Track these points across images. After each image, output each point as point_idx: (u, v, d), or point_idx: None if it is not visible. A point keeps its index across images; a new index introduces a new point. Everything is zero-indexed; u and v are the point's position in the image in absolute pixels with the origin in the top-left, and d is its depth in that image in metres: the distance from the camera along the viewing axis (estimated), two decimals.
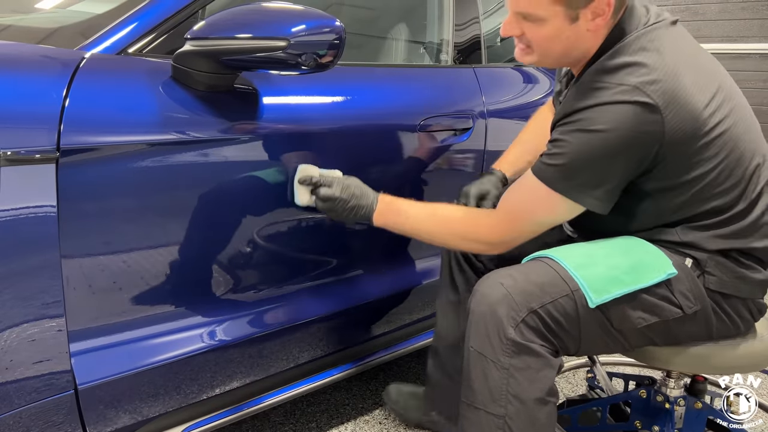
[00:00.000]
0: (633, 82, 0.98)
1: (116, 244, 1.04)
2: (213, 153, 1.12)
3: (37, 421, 0.98)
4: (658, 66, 0.99)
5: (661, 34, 1.04)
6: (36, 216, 0.91)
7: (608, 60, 1.03)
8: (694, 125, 0.99)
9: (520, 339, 1.00)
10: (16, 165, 0.88)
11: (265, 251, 1.28)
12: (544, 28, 1.04)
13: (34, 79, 0.94)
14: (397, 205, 1.23)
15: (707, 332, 1.12)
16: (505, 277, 1.05)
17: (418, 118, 1.48)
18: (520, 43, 1.11)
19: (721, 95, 1.04)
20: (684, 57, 1.03)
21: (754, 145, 1.08)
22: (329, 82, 1.32)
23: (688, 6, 3.75)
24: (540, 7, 1.02)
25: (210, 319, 1.20)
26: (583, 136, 1.00)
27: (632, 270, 1.04)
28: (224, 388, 1.24)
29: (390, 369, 1.95)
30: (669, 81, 0.98)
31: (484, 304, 1.03)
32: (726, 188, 1.05)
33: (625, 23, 1.05)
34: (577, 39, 1.05)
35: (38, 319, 0.95)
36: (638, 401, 1.34)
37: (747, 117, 1.09)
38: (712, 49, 3.62)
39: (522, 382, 1.00)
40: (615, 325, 1.06)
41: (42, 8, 1.56)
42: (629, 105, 0.97)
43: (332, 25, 1.06)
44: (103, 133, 0.98)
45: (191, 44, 1.05)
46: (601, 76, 1.02)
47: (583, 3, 1.01)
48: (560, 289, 1.03)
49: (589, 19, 1.02)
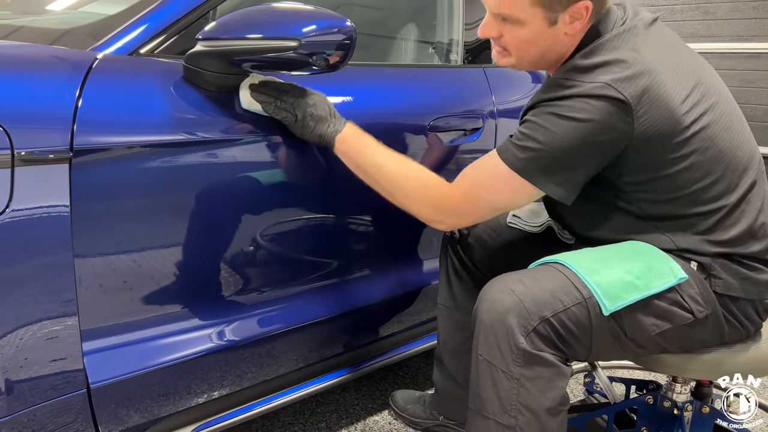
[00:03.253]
0: (605, 79, 0.97)
1: (127, 244, 1.05)
2: (224, 153, 1.13)
3: (50, 420, 0.98)
4: (632, 62, 0.98)
5: (637, 32, 1.02)
6: (49, 216, 0.92)
7: (582, 59, 1.02)
8: (669, 122, 0.98)
9: (532, 348, 0.97)
10: (30, 165, 0.89)
11: (275, 251, 1.28)
12: (523, 31, 1.03)
13: (48, 79, 0.94)
14: (360, 135, 1.16)
15: (719, 337, 1.10)
16: (515, 282, 1.02)
17: (427, 119, 1.48)
18: (497, 46, 1.10)
19: (699, 92, 1.02)
20: (660, 54, 1.01)
21: (735, 143, 1.05)
22: (339, 82, 1.32)
23: (699, 5, 3.73)
24: (519, 10, 1.01)
25: (220, 319, 1.21)
26: (553, 120, 0.99)
27: (644, 274, 1.01)
28: (234, 388, 1.25)
29: (399, 369, 1.95)
30: (643, 77, 0.97)
31: (493, 312, 0.99)
32: (705, 186, 1.03)
33: (601, 24, 1.04)
34: (554, 42, 1.05)
35: (52, 318, 0.95)
36: (645, 407, 1.30)
37: (729, 114, 1.07)
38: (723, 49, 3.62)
39: (533, 393, 0.97)
40: (628, 334, 1.03)
41: (54, 9, 1.57)
42: (601, 99, 0.96)
43: (343, 26, 1.06)
44: (115, 134, 0.99)
45: (202, 45, 1.05)
46: (574, 74, 1.01)
47: (563, 6, 0.99)
48: (573, 297, 1.00)
49: (567, 23, 1.01)
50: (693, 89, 1.02)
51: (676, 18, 3.81)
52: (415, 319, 1.63)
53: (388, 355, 1.58)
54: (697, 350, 1.10)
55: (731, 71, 3.63)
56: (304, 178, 1.28)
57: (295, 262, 1.33)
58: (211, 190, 1.13)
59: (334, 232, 1.40)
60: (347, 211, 1.41)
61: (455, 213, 1.13)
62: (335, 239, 1.41)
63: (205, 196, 1.13)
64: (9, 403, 0.93)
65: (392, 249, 1.56)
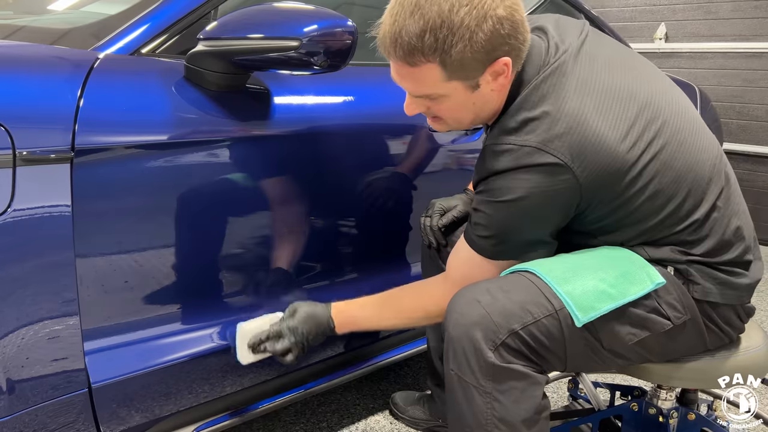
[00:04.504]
0: (534, 141, 0.94)
1: (128, 244, 1.05)
2: (225, 153, 1.13)
3: (51, 419, 0.99)
4: (559, 116, 0.94)
5: (564, 71, 0.98)
6: (51, 215, 0.92)
7: (509, 118, 0.98)
8: (613, 165, 0.95)
9: (501, 362, 0.93)
10: (32, 165, 0.89)
11: (278, 251, 1.28)
12: (448, 102, 1.00)
13: (49, 79, 0.95)
14: (350, 312, 1.21)
15: (702, 344, 1.06)
16: (483, 293, 0.97)
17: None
18: (429, 116, 1.08)
19: (644, 119, 0.98)
20: (592, 90, 0.97)
21: (692, 158, 1.01)
22: (341, 81, 1.32)
23: (701, 5, 3.72)
24: (438, 88, 0.97)
25: (221, 319, 1.21)
26: (499, 206, 0.98)
27: (619, 282, 0.97)
28: (235, 388, 1.25)
29: (400, 369, 1.95)
30: (574, 131, 0.93)
31: (459, 327, 0.95)
32: (673, 209, 1.00)
33: (525, 70, 1.00)
34: (484, 102, 1.01)
35: (53, 317, 0.95)
36: (630, 414, 1.27)
37: (681, 130, 1.01)
38: (724, 48, 3.61)
39: (507, 405, 0.94)
40: (605, 345, 1.00)
41: (55, 9, 1.57)
42: (535, 168, 0.94)
43: (344, 25, 1.06)
44: (116, 133, 0.99)
45: (204, 44, 1.06)
46: (504, 137, 0.98)
47: (480, 70, 0.95)
48: (543, 308, 0.96)
49: (490, 81, 0.97)
50: (635, 119, 0.97)
51: (678, 17, 3.80)
52: None
53: (390, 355, 1.58)
54: (682, 358, 1.07)
55: (733, 71, 3.62)
56: (307, 178, 1.28)
57: (297, 262, 1.33)
58: (212, 190, 1.13)
59: (336, 231, 1.40)
60: (351, 211, 1.41)
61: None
62: (337, 238, 1.41)
63: (206, 195, 1.13)
64: (11, 403, 0.93)
65: (394, 249, 1.56)
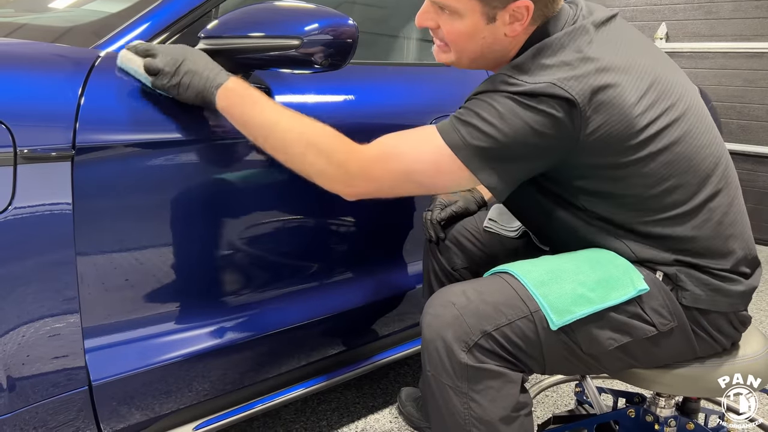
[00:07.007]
0: (549, 79, 0.91)
1: (129, 242, 1.05)
2: (226, 151, 1.13)
3: (52, 417, 0.99)
4: (577, 64, 0.92)
5: (586, 31, 0.96)
6: (52, 214, 0.92)
7: (525, 58, 0.95)
8: (622, 122, 0.92)
9: (474, 363, 0.92)
10: (33, 163, 0.89)
11: (279, 249, 1.28)
12: (460, 23, 0.98)
13: (50, 77, 0.95)
14: (255, 91, 1.03)
15: (690, 351, 1.03)
16: (458, 295, 0.96)
17: (430, 117, 1.47)
18: (437, 39, 1.06)
19: (655, 92, 0.96)
20: (611, 52, 0.95)
21: (694, 149, 0.98)
22: (342, 80, 1.32)
23: (702, 5, 3.72)
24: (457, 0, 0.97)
25: (221, 317, 1.21)
26: (510, 106, 0.92)
27: (599, 286, 0.95)
28: (235, 386, 1.25)
29: (401, 368, 1.95)
30: (591, 76, 0.91)
31: (433, 329, 0.95)
32: (660, 192, 0.97)
33: (550, 25, 0.98)
34: (494, 41, 0.99)
35: (54, 315, 0.95)
36: (627, 420, 1.26)
37: (691, 118, 0.99)
38: (725, 48, 3.61)
39: (483, 405, 0.93)
40: (584, 349, 0.97)
41: (56, 7, 1.57)
42: (546, 98, 0.90)
43: (345, 24, 1.06)
44: (117, 132, 0.99)
45: (204, 43, 1.06)
46: (516, 72, 0.94)
47: (501, 3, 0.94)
48: (518, 310, 0.95)
49: (507, 22, 0.96)
50: (648, 89, 0.95)
51: (679, 17, 3.80)
52: (417, 317, 1.63)
53: (390, 354, 1.58)
54: (670, 365, 1.05)
55: (734, 71, 3.62)
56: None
57: (298, 260, 1.33)
58: (213, 189, 1.13)
59: (337, 229, 1.40)
60: (352, 211, 1.41)
61: (362, 175, 0.99)
62: (338, 236, 1.41)
63: (208, 194, 1.13)
64: (11, 401, 0.93)
65: (394, 247, 1.56)
